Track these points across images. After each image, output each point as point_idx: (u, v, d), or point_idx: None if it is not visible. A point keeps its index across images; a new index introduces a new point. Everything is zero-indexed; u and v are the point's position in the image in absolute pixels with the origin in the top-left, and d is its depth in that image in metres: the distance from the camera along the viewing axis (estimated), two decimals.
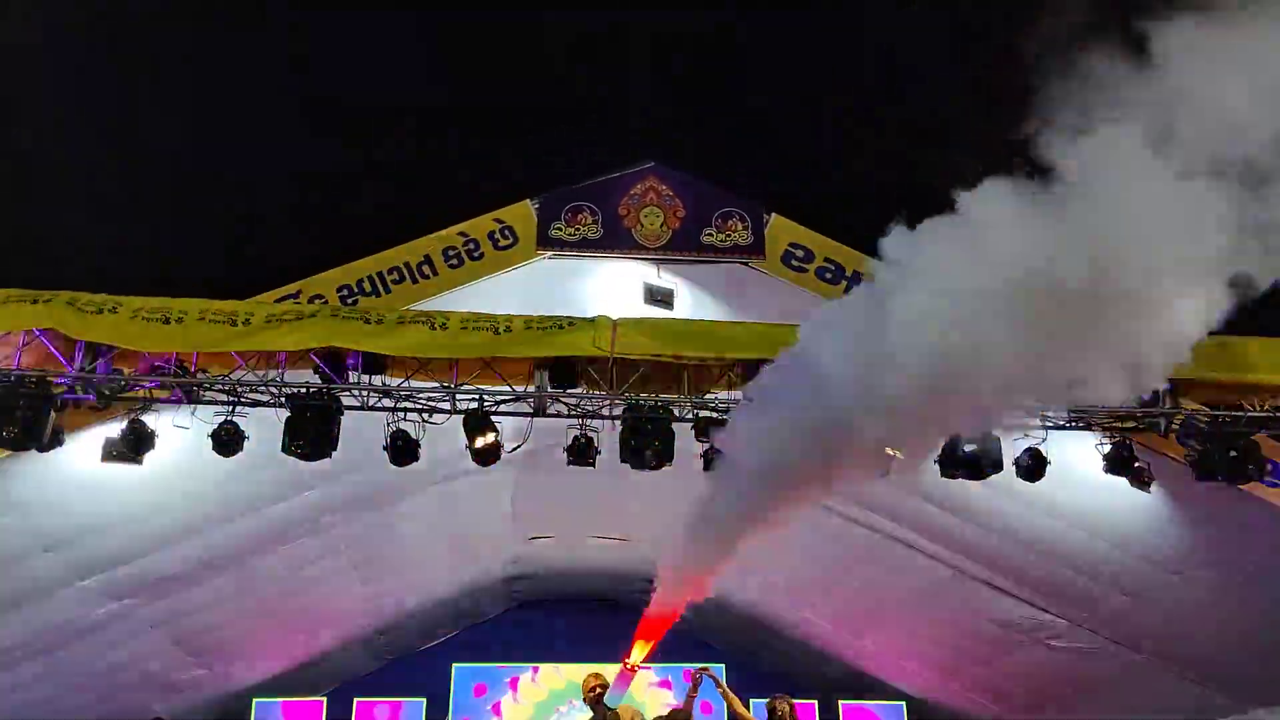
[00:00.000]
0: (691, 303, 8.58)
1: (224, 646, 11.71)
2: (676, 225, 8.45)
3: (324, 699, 13.61)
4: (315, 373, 7.02)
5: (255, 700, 13.28)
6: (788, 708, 7.60)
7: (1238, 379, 7.19)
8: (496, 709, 14.00)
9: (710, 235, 8.52)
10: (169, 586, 9.63)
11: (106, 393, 7.06)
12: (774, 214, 8.68)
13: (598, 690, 7.28)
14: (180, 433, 7.25)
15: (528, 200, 8.45)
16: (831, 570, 11.75)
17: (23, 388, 6.70)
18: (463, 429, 7.23)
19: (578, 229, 8.33)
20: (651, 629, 6.66)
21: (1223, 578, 8.56)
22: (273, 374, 6.96)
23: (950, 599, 11.00)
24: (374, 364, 7.00)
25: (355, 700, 13.80)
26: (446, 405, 7.30)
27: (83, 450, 7.36)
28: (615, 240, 8.37)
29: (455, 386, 7.18)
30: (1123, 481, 7.63)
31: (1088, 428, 7.63)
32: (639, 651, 6.72)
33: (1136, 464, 7.54)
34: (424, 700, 13.85)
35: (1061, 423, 7.57)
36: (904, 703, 13.92)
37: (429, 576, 12.95)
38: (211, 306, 6.83)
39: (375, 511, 10.45)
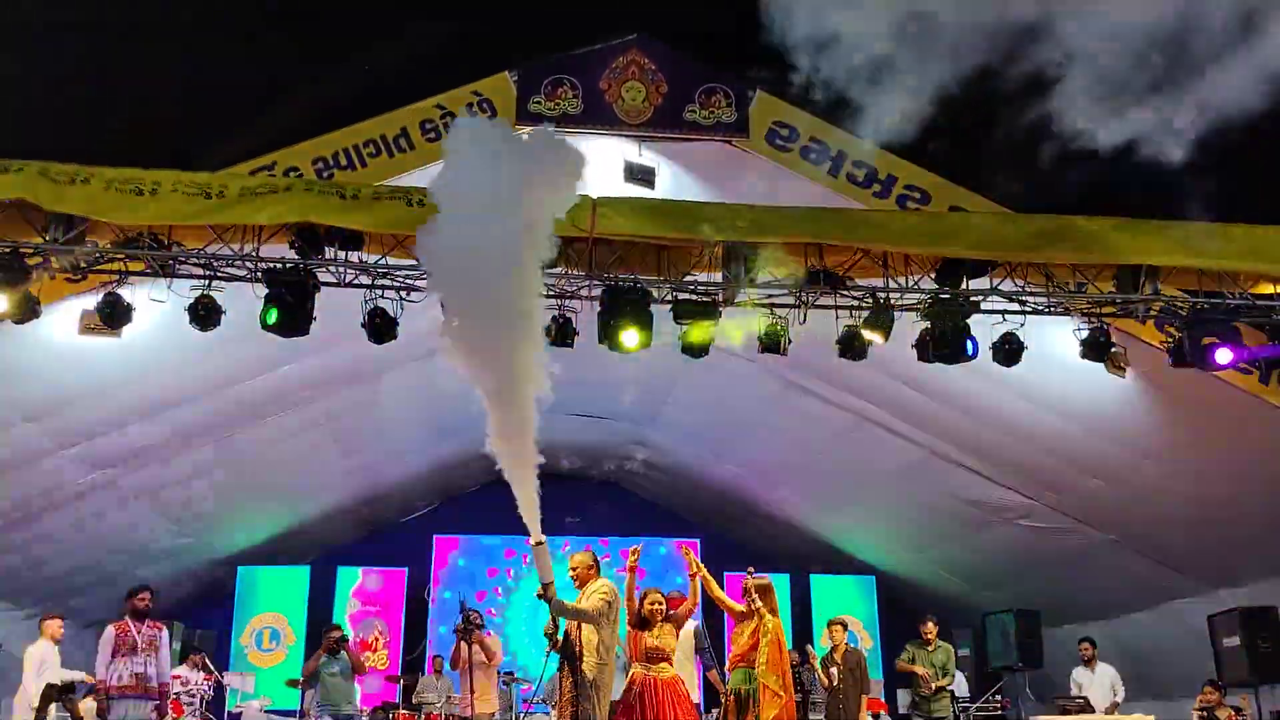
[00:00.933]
0: (673, 182, 8.47)
1: (207, 516, 11.88)
2: (659, 101, 8.27)
3: (307, 567, 13.93)
4: (291, 247, 6.92)
5: (240, 568, 13.58)
6: (750, 582, 7.74)
7: (1217, 265, 7.19)
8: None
9: (693, 112, 8.34)
10: (150, 457, 9.72)
11: (81, 265, 6.96)
12: (759, 90, 8.49)
13: (580, 570, 7.33)
14: (157, 306, 7.18)
15: (506, 72, 8.23)
16: (807, 450, 11.94)
17: None
18: (440, 307, 7.17)
19: (557, 103, 8.15)
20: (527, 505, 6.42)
21: (1194, 463, 8.73)
22: (249, 248, 6.86)
23: (923, 479, 11.22)
24: (351, 239, 6.90)
25: (337, 568, 14.13)
26: (424, 282, 7.22)
27: (60, 322, 7.29)
28: (596, 115, 8.19)
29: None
30: (1099, 366, 7.69)
31: (1066, 313, 7.65)
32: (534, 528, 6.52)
33: (1113, 349, 7.58)
34: (406, 569, 14.20)
35: (1040, 307, 7.59)
36: (874, 577, 14.36)
37: (408, 450, 13.10)
38: (185, 178, 6.65)
39: (354, 386, 10.49)
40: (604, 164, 8.36)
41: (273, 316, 6.93)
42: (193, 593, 13.56)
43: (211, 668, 11.05)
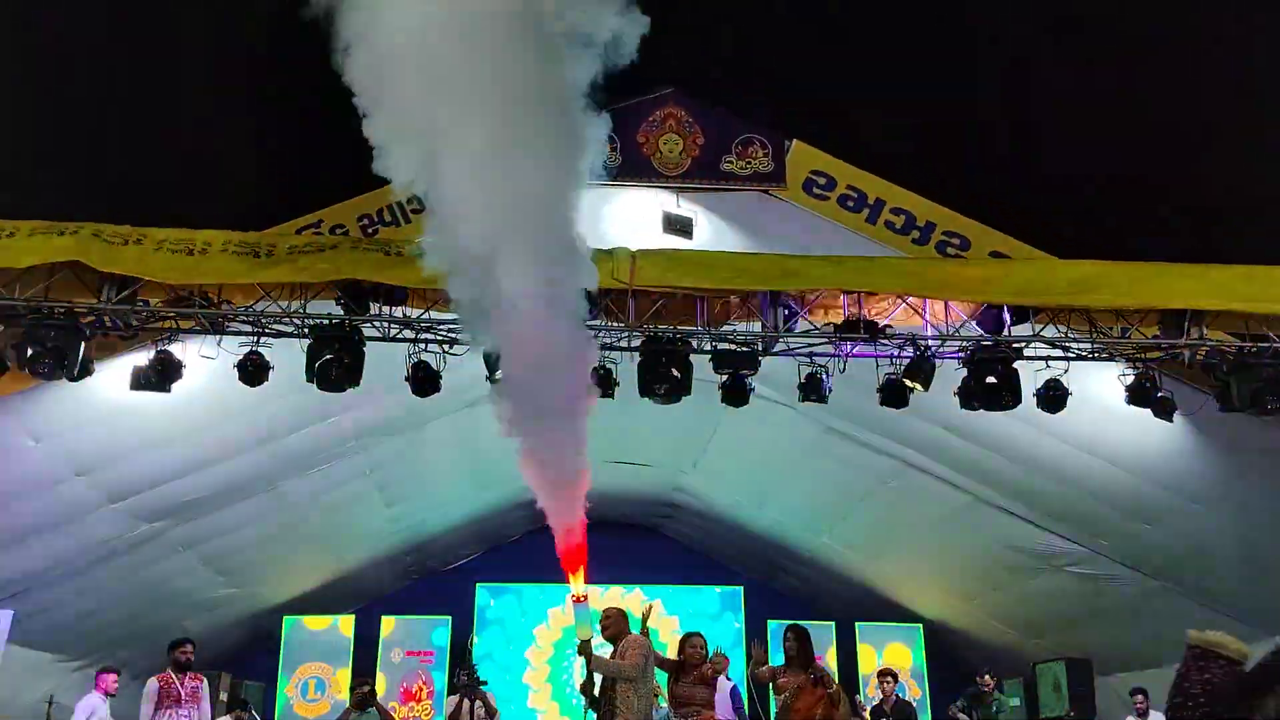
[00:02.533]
0: (711, 232, 8.53)
1: (253, 566, 12.00)
2: (696, 153, 8.36)
3: (353, 616, 13.98)
4: (337, 303, 7.06)
5: (285, 617, 13.65)
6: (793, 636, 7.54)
7: (1264, 309, 7.11)
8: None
9: (730, 162, 8.43)
10: (198, 509, 9.85)
11: (134, 323, 7.14)
12: (795, 140, 8.56)
13: (611, 622, 7.29)
14: (206, 362, 7.35)
15: None
16: (849, 497, 11.85)
17: (51, 319, 6.77)
18: (483, 361, 7.27)
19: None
20: (572, 558, 6.49)
21: (1244, 507, 8.57)
22: (295, 305, 7.01)
23: (968, 525, 11.08)
24: (394, 294, 7.03)
25: (381, 617, 14.17)
26: (466, 336, 7.33)
27: (112, 379, 7.47)
28: (634, 168, 8.30)
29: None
30: (1145, 411, 7.60)
31: (1110, 358, 7.59)
32: (576, 581, 6.58)
33: (1160, 394, 7.50)
34: (450, 617, 14.21)
35: (1083, 353, 7.54)
36: (920, 625, 14.15)
37: (452, 499, 13.17)
38: (234, 238, 6.85)
39: (398, 436, 10.59)
40: (642, 216, 8.46)
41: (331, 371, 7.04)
42: (240, 643, 13.65)
43: (258, 718, 11.12)
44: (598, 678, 6.80)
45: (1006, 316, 7.38)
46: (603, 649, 6.82)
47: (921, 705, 13.12)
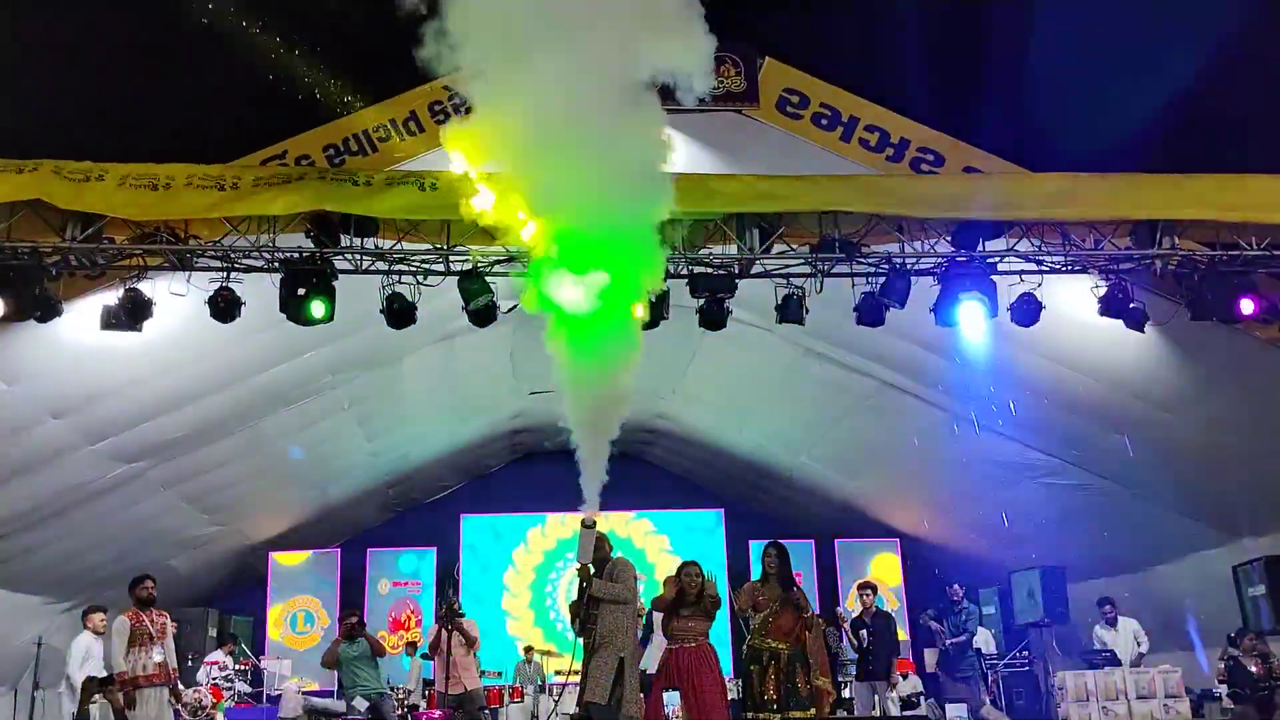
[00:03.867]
0: (685, 155, 8.42)
1: (236, 504, 12.04)
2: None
3: (338, 549, 14.10)
4: (307, 236, 6.97)
5: (272, 553, 13.75)
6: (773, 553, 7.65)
7: (1238, 217, 7.13)
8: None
9: None
10: (178, 448, 9.83)
11: (100, 262, 7.02)
12: (768, 58, 8.42)
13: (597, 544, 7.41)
14: (177, 300, 7.25)
15: None
16: (828, 417, 11.96)
17: (15, 259, 6.66)
18: (458, 290, 7.22)
19: None
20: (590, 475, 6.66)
21: (1216, 415, 8.70)
22: (264, 239, 6.91)
23: (945, 441, 11.21)
24: (366, 226, 6.93)
25: (367, 550, 14.30)
26: (440, 267, 7.27)
27: (82, 319, 7.37)
28: None
29: (448, 248, 7.13)
30: (1118, 323, 7.66)
31: (1083, 270, 7.62)
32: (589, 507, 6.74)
33: (1132, 305, 7.55)
34: (434, 549, 14.35)
35: (1057, 266, 7.56)
36: (898, 540, 14.40)
37: (432, 432, 13.19)
38: (198, 172, 6.72)
39: (376, 371, 10.56)
40: None
41: (320, 309, 6.97)
42: (227, 579, 13.75)
43: (248, 652, 11.24)
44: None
45: (980, 232, 7.37)
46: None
47: (899, 616, 13.42)
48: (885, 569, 14.29)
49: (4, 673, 9.93)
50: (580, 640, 7.00)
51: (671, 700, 7.12)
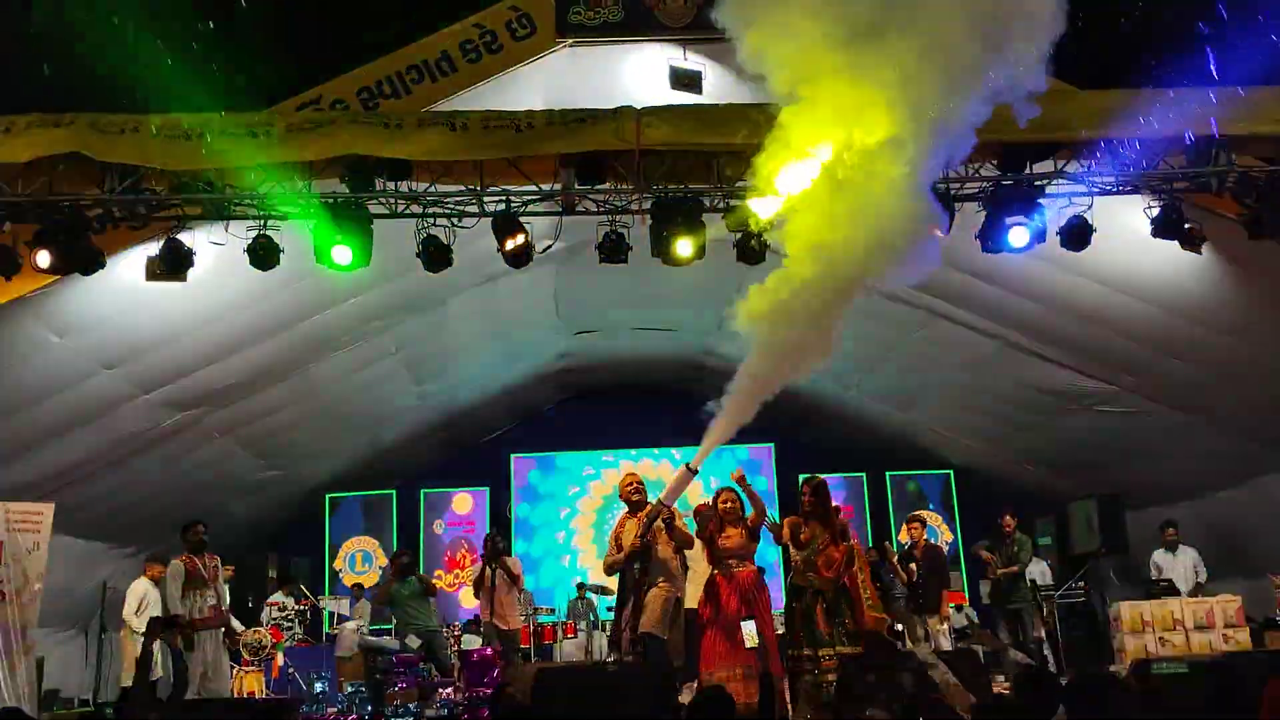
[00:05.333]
0: (720, 85, 8.26)
1: (291, 449, 12.24)
2: (701, 0, 8.03)
3: (393, 491, 14.33)
4: (342, 181, 6.97)
5: (328, 495, 14.02)
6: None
7: None
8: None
9: None
10: (230, 396, 9.99)
11: (141, 213, 7.10)
12: None
13: (634, 487, 7.52)
14: (218, 250, 7.32)
15: None
16: (878, 349, 11.80)
17: (58, 213, 6.75)
18: (492, 231, 7.19)
19: (598, 11, 7.94)
20: (719, 433, 6.79)
21: (1273, 335, 8.45)
22: (300, 185, 6.92)
23: (997, 371, 11.05)
24: (399, 169, 6.91)
25: (421, 491, 14.52)
26: (474, 208, 7.24)
27: (127, 270, 7.48)
28: (637, 22, 7.98)
29: (481, 189, 7.09)
30: (1173, 244, 7.43)
31: (1136, 191, 7.38)
32: (702, 456, 6.90)
33: (1187, 225, 7.30)
34: (487, 488, 14.54)
35: (1108, 187, 7.32)
36: (950, 471, 14.28)
37: (481, 373, 13.27)
38: (232, 120, 6.74)
39: (421, 315, 10.61)
40: (648, 72, 8.20)
41: (347, 256, 7.01)
42: (286, 522, 14.06)
43: (306, 593, 11.50)
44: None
45: (1028, 153, 7.15)
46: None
47: (953, 549, 13.36)
48: (938, 502, 14.21)
49: (74, 616, 10.28)
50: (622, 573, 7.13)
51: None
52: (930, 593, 9.61)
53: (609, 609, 11.27)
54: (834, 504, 7.69)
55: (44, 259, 6.59)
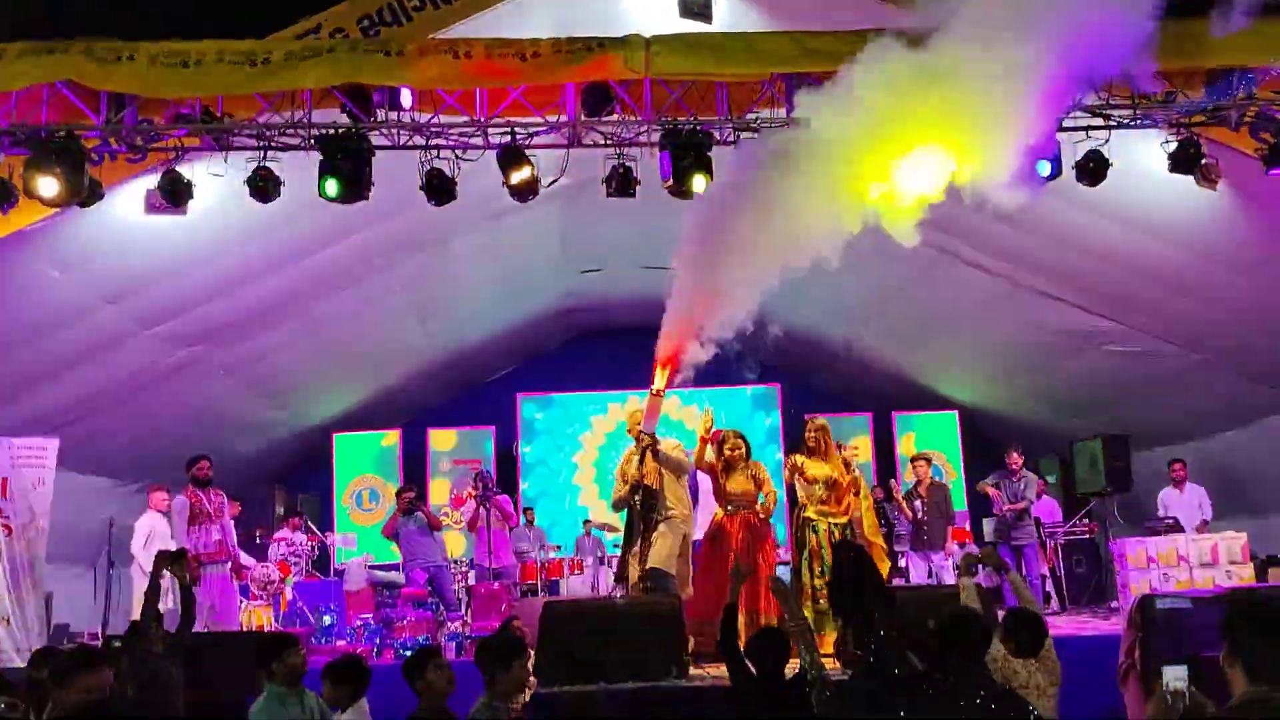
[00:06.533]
0: (730, 13, 8.07)
1: (297, 387, 12.23)
2: None
3: (399, 430, 14.34)
4: (342, 111, 6.84)
5: (335, 434, 14.04)
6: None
7: None
8: None
9: None
10: (233, 333, 9.95)
11: (138, 143, 6.99)
12: None
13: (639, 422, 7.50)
14: (219, 182, 7.21)
15: None
16: (885, 289, 11.70)
17: (53, 142, 6.63)
18: (497, 165, 7.07)
19: None
20: (669, 355, 6.74)
21: None
22: (300, 115, 6.80)
23: (1006, 311, 10.96)
24: (402, 99, 6.78)
25: (428, 430, 14.53)
26: (479, 140, 7.11)
27: (126, 203, 7.39)
28: None
29: (486, 120, 6.96)
30: (1188, 180, 7.30)
31: (1153, 125, 7.23)
32: (661, 378, 6.86)
33: (1204, 160, 7.17)
34: (493, 428, 14.54)
35: (1125, 120, 7.17)
36: (956, 412, 14.25)
37: (486, 312, 13.20)
38: (229, 47, 6.58)
39: (425, 252, 10.51)
40: (656, 0, 8.01)
41: (333, 187, 6.89)
42: (292, 460, 14.10)
43: (313, 529, 11.55)
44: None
45: None
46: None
47: (958, 487, 13.36)
48: (943, 441, 14.18)
49: (82, 553, 10.33)
50: (629, 509, 7.13)
51: None
52: (935, 531, 9.64)
53: (615, 546, 11.33)
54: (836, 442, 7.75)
55: (45, 186, 6.48)
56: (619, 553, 9.35)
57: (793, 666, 4.43)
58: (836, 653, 6.32)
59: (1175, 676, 3.14)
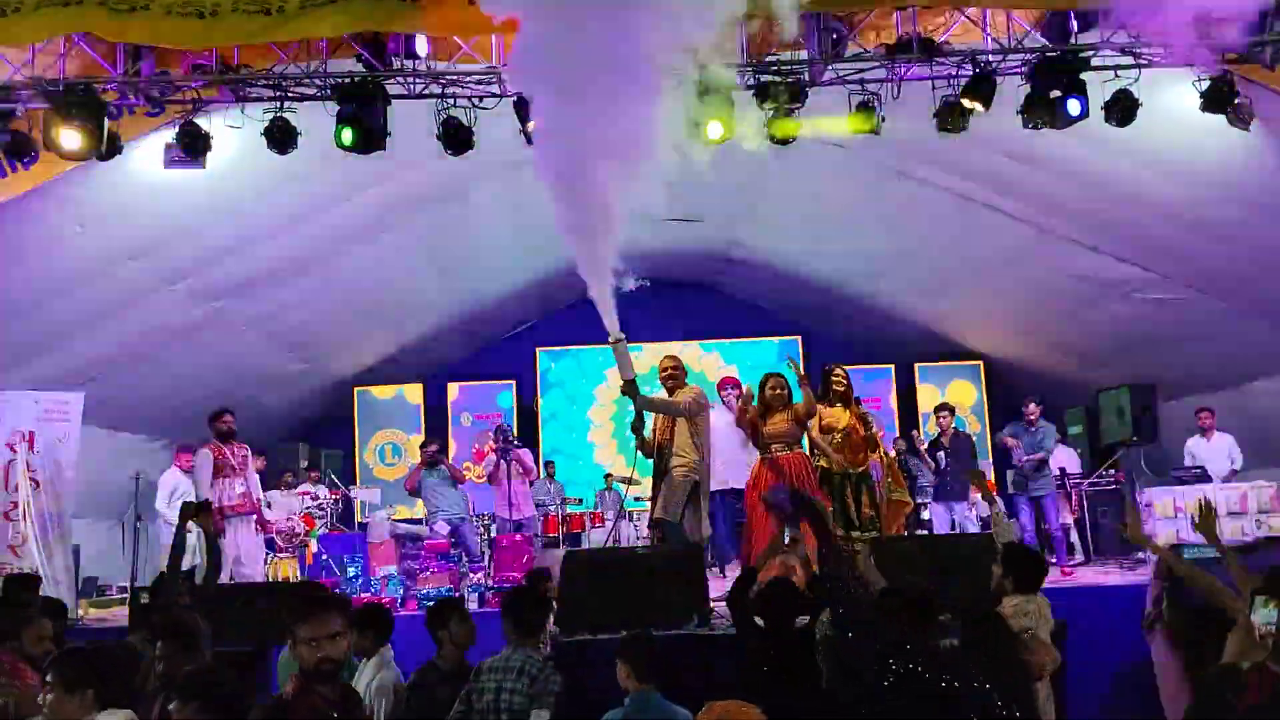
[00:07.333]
0: None
1: (319, 342, 12.25)
2: None
3: (420, 384, 14.40)
4: (358, 61, 6.76)
5: (357, 389, 14.10)
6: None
7: None
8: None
9: None
10: (255, 288, 9.96)
11: (155, 95, 6.95)
12: None
13: (669, 371, 7.40)
14: (237, 137, 7.18)
15: None
16: (908, 238, 11.55)
17: (73, 95, 6.60)
18: (514, 112, 6.98)
19: None
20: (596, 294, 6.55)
21: None
22: (315, 65, 6.73)
23: (1032, 258, 10.79)
24: (417, 47, 6.70)
25: (448, 384, 14.58)
26: (496, 89, 7.02)
27: (145, 158, 7.36)
28: None
29: (504, 66, 6.86)
30: (1221, 121, 7.12)
31: (1186, 63, 7.03)
32: (610, 322, 6.70)
33: (1237, 100, 6.99)
34: (513, 382, 14.57)
35: (1155, 59, 7.00)
36: (981, 362, 14.14)
37: (505, 266, 13.14)
38: None
39: (442, 205, 10.45)
40: None
41: (349, 136, 6.83)
42: (317, 414, 14.17)
43: (337, 482, 11.63)
44: (649, 417, 6.98)
45: (1073, 24, 6.83)
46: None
47: (981, 439, 13.28)
48: (966, 392, 14.10)
49: (110, 507, 10.45)
50: (641, 456, 7.11)
51: None
52: (958, 480, 9.58)
53: (635, 499, 11.37)
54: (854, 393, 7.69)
55: (67, 139, 6.46)
56: (641, 506, 9.39)
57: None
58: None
59: (1266, 619, 3.13)
